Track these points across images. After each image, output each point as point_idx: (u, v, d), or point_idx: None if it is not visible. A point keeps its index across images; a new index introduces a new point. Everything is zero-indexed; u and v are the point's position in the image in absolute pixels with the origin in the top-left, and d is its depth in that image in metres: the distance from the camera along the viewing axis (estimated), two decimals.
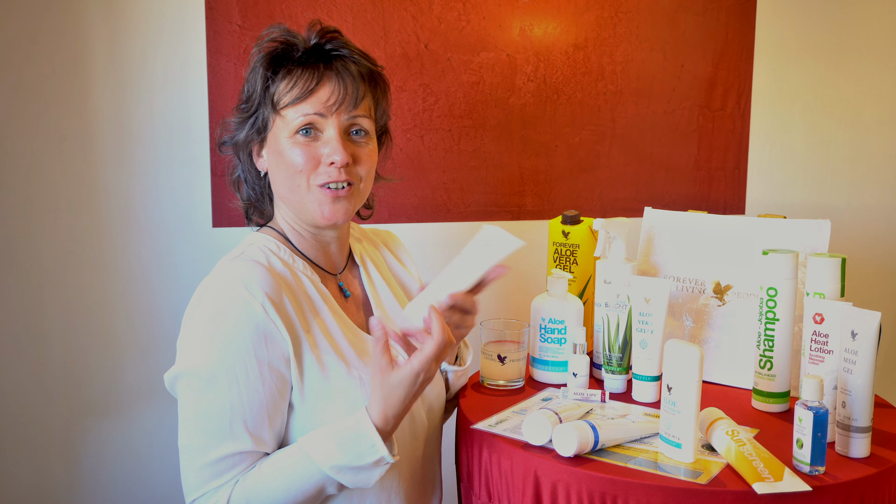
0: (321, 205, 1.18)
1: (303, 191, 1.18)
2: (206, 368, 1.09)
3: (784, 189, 2.25)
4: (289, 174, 1.18)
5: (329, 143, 1.17)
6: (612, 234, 1.46)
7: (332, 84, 1.17)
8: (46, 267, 1.66)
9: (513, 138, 1.97)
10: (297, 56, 1.19)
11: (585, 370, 1.38)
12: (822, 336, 1.19)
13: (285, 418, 1.14)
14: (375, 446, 1.08)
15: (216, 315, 1.10)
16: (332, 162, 1.16)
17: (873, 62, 2.28)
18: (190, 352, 1.11)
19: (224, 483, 1.10)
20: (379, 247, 1.42)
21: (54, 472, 1.71)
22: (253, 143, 1.23)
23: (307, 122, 1.17)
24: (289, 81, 1.17)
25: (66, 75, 1.63)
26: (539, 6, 1.95)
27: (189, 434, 1.11)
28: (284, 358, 1.12)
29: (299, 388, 1.13)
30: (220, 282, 1.12)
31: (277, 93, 1.18)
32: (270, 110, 1.19)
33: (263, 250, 1.19)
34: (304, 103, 1.16)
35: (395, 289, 1.35)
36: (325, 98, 1.17)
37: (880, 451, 1.15)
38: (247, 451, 1.10)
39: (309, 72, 1.17)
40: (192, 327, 1.12)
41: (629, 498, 1.04)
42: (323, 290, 1.21)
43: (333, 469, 1.09)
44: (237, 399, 1.09)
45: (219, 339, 1.09)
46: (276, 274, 1.15)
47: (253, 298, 1.10)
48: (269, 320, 1.10)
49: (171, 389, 1.15)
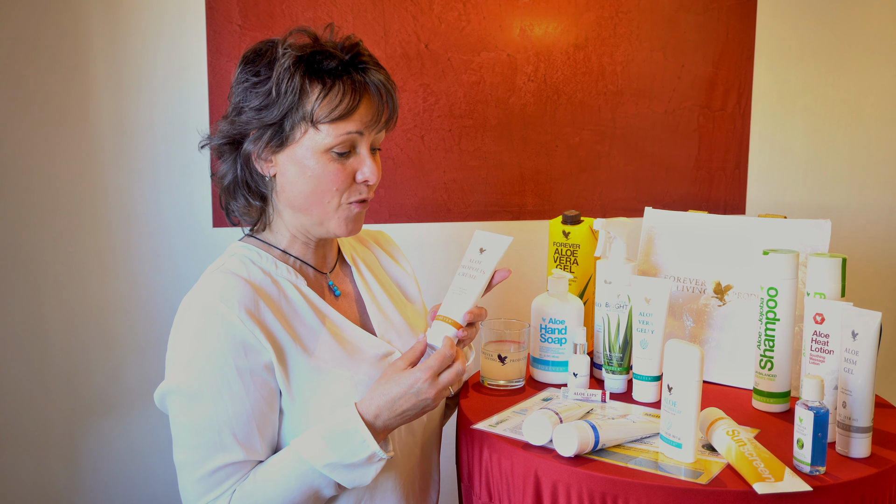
0: (347, 220, 1.19)
1: (331, 207, 1.18)
2: (190, 385, 1.11)
3: (784, 189, 2.25)
4: (318, 190, 1.16)
5: (363, 161, 1.17)
6: (613, 234, 1.46)
7: (373, 101, 1.16)
8: (46, 267, 1.66)
9: (513, 138, 1.97)
10: (330, 66, 1.14)
11: (586, 370, 1.38)
12: (822, 336, 1.19)
13: (276, 425, 1.15)
14: (366, 441, 1.09)
15: (195, 331, 1.12)
16: (366, 180, 1.17)
17: (874, 62, 2.28)
18: (174, 369, 1.13)
19: (221, 494, 1.11)
20: (370, 246, 1.42)
21: (54, 472, 1.71)
22: (261, 150, 1.17)
23: (348, 140, 1.15)
24: (333, 96, 1.12)
25: (66, 75, 1.63)
26: (539, 6, 1.95)
27: (182, 450, 1.13)
28: (266, 366, 1.13)
29: (287, 391, 1.14)
30: (199, 298, 1.14)
31: (315, 106, 1.12)
32: (302, 120, 1.13)
33: (243, 261, 1.19)
34: (346, 122, 1.14)
35: (388, 288, 1.36)
36: (366, 117, 1.15)
37: (881, 451, 1.15)
38: (239, 461, 1.12)
39: (349, 88, 1.13)
40: (175, 344, 1.14)
41: (629, 498, 1.04)
42: (307, 293, 1.21)
43: (327, 468, 1.09)
44: (223, 411, 1.10)
45: (200, 354, 1.11)
46: (255, 285, 1.16)
47: (229, 311, 1.11)
48: (246, 330, 1.11)
49: (162, 406, 1.16)
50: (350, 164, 1.17)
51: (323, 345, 1.18)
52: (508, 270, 1.19)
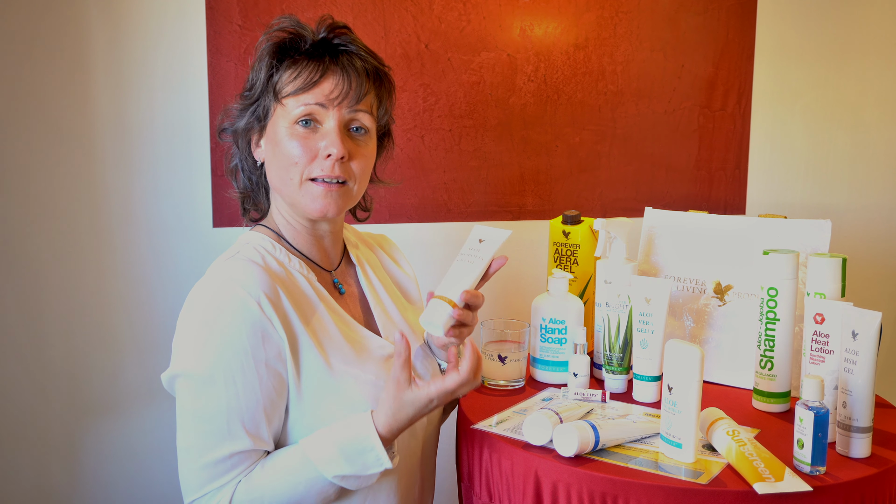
0: (313, 199, 1.18)
1: (294, 185, 1.18)
2: (202, 369, 1.09)
3: (784, 189, 2.25)
4: (284, 165, 1.18)
5: (327, 135, 1.17)
6: (613, 234, 1.46)
7: (337, 77, 1.17)
8: (46, 267, 1.66)
9: (513, 138, 1.97)
10: (304, 48, 1.19)
11: (586, 370, 1.38)
12: (822, 336, 1.19)
13: (282, 416, 1.14)
14: (380, 459, 1.10)
15: (212, 315, 1.10)
16: (328, 154, 1.16)
17: (874, 62, 2.28)
18: (186, 353, 1.11)
19: (225, 483, 1.10)
20: (374, 249, 1.42)
21: (54, 472, 1.71)
22: (252, 132, 1.23)
23: (307, 112, 1.17)
24: (293, 72, 1.18)
25: (66, 75, 1.63)
26: (539, 6, 1.95)
27: (188, 435, 1.11)
28: (280, 356, 1.12)
29: (296, 384, 1.13)
30: (215, 282, 1.13)
31: (280, 82, 1.18)
32: (272, 98, 1.19)
33: (259, 249, 1.19)
34: (307, 94, 1.17)
35: (391, 290, 1.35)
36: (328, 90, 1.17)
37: (881, 451, 1.15)
38: (246, 451, 1.11)
39: (314, 63, 1.18)
40: (187, 328, 1.12)
41: (630, 498, 1.04)
42: (318, 288, 1.21)
43: (337, 478, 1.10)
44: (234, 399, 1.09)
45: (215, 339, 1.09)
46: (272, 272, 1.15)
47: (249, 297, 1.10)
48: (265, 318, 1.10)
49: (170, 388, 1.15)
50: (314, 137, 1.17)
51: (334, 341, 1.18)
52: (505, 258, 1.18)
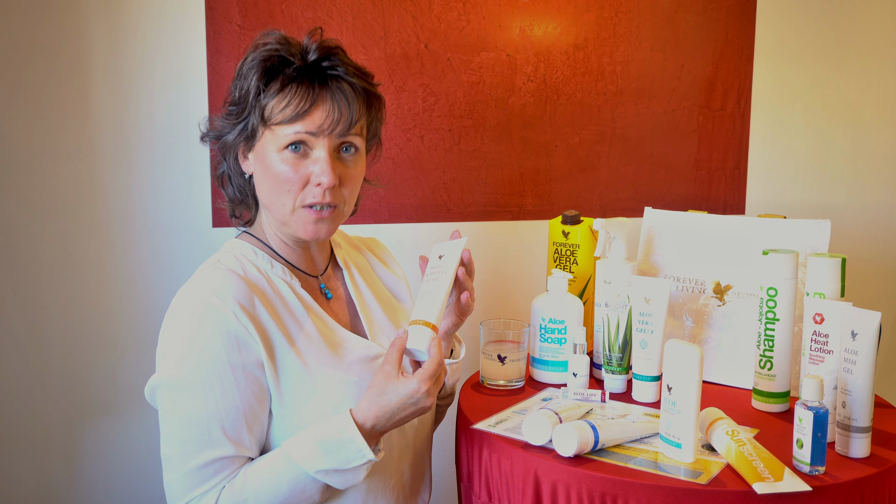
0: (305, 224, 1.18)
1: (287, 210, 1.17)
2: (181, 378, 1.11)
3: (784, 189, 2.25)
4: (275, 189, 1.17)
5: (318, 162, 1.16)
6: (612, 234, 1.46)
7: (327, 107, 1.15)
8: (46, 267, 1.66)
9: (513, 138, 1.97)
10: (292, 72, 1.16)
11: (585, 370, 1.38)
12: (822, 336, 1.19)
13: (265, 423, 1.15)
14: (361, 451, 1.10)
15: (189, 325, 1.12)
16: (319, 183, 1.16)
17: (874, 62, 2.28)
18: (166, 362, 1.13)
19: (209, 489, 1.11)
20: (363, 252, 1.42)
21: (54, 472, 1.71)
22: (239, 147, 1.21)
23: (298, 140, 1.15)
24: (282, 98, 1.15)
25: (66, 75, 1.63)
26: (539, 6, 1.95)
27: (170, 443, 1.13)
28: (258, 362, 1.13)
29: (276, 389, 1.14)
30: (193, 292, 1.14)
31: (269, 108, 1.15)
32: (260, 122, 1.16)
33: (239, 258, 1.20)
34: (297, 123, 1.14)
35: (379, 292, 1.36)
36: (318, 121, 1.15)
37: (880, 451, 1.15)
38: (228, 457, 1.11)
39: (303, 91, 1.14)
40: (167, 338, 1.14)
41: (629, 498, 1.04)
42: (301, 294, 1.21)
43: (320, 473, 1.10)
44: (213, 406, 1.10)
45: (193, 348, 1.11)
46: (250, 281, 1.17)
47: (224, 306, 1.11)
48: (240, 326, 1.12)
49: (151, 400, 1.17)
50: (305, 163, 1.16)
51: (314, 346, 1.18)
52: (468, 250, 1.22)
